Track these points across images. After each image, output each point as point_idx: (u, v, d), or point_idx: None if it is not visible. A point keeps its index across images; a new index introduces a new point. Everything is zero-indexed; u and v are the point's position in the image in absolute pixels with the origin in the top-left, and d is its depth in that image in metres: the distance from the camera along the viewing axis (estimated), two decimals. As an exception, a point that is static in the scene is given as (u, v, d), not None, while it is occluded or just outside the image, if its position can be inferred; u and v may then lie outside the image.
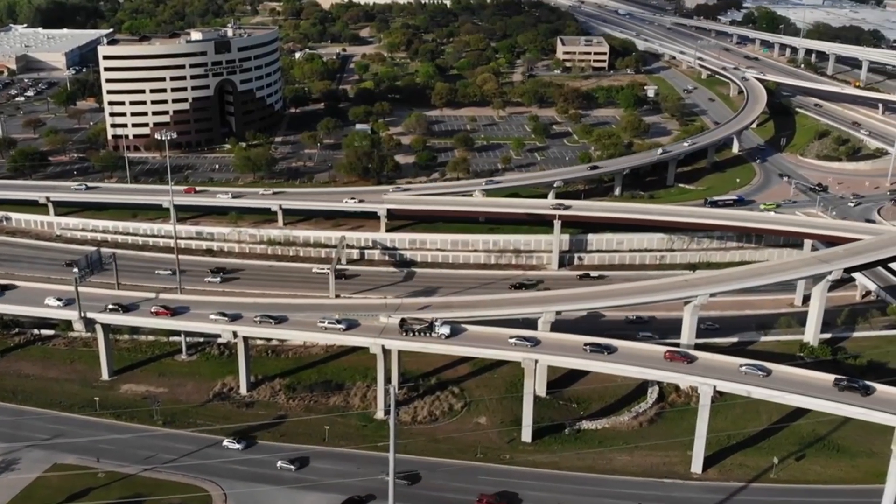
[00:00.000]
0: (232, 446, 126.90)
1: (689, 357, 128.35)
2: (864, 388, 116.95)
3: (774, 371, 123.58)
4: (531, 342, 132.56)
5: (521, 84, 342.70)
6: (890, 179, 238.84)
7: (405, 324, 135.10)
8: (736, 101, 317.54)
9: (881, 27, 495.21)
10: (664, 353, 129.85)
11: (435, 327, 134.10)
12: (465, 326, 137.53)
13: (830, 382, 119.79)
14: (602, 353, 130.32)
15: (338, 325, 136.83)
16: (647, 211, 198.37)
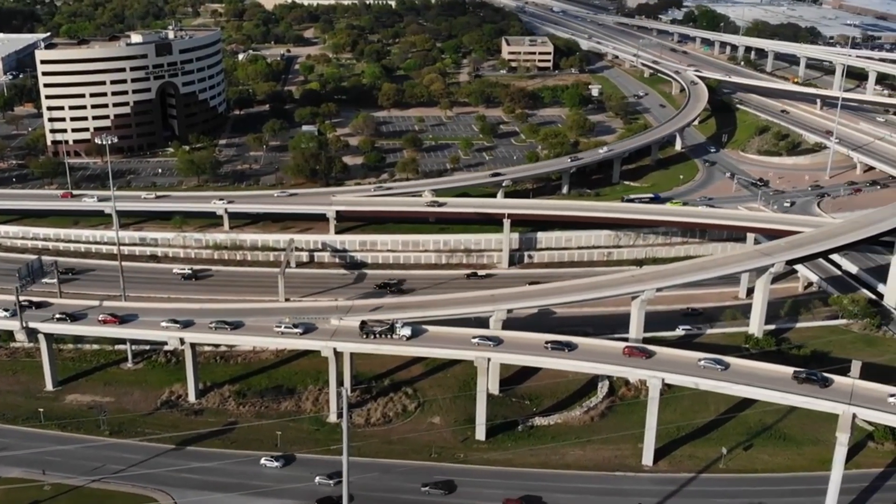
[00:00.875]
0: (270, 465, 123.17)
1: (647, 352, 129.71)
2: (823, 380, 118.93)
3: (733, 365, 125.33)
4: (494, 341, 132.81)
5: (468, 84, 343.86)
6: (829, 173, 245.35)
7: (366, 326, 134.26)
8: (678, 98, 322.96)
9: (818, 24, 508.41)
10: (623, 348, 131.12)
11: (396, 329, 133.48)
12: (426, 327, 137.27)
13: (790, 375, 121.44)
14: (563, 349, 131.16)
15: (294, 330, 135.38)
16: (595, 208, 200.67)
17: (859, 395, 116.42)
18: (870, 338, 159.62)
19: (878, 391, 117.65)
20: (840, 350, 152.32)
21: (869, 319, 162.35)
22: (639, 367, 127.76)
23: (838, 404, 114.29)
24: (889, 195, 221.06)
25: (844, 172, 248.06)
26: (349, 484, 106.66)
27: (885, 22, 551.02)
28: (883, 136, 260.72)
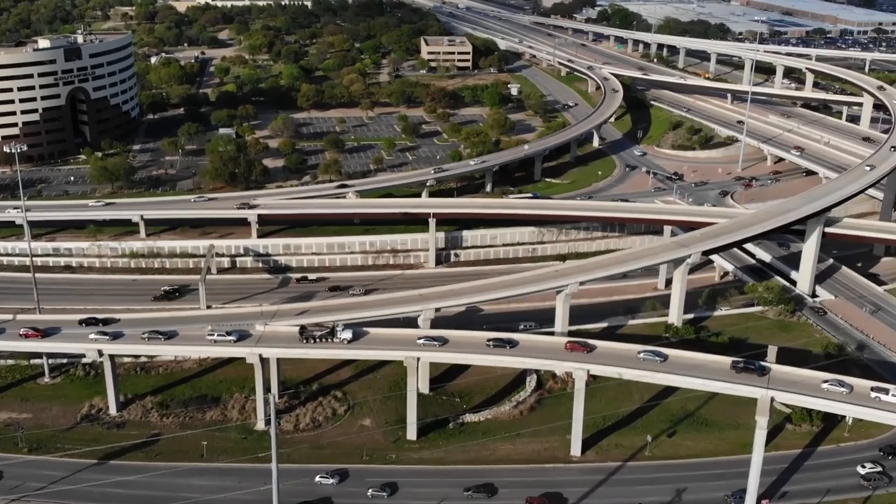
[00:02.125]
0: (326, 482, 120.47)
1: (589, 346, 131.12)
2: (761, 369, 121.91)
3: (672, 356, 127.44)
4: (440, 341, 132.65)
5: (388, 84, 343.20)
6: (741, 165, 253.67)
7: (305, 331, 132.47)
8: (594, 96, 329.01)
9: (727, 20, 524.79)
10: (565, 343, 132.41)
11: (337, 332, 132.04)
12: (367, 330, 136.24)
13: (728, 365, 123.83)
14: (504, 346, 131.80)
15: (228, 337, 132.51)
16: (518, 205, 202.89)
17: (777, 379, 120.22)
18: (784, 323, 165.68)
19: (794, 374, 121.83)
20: (756, 336, 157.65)
21: (783, 306, 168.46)
22: (565, 359, 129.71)
23: (757, 389, 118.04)
24: (800, 185, 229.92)
25: (755, 164, 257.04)
26: (276, 492, 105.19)
27: (790, 17, 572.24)
28: (792, 129, 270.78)
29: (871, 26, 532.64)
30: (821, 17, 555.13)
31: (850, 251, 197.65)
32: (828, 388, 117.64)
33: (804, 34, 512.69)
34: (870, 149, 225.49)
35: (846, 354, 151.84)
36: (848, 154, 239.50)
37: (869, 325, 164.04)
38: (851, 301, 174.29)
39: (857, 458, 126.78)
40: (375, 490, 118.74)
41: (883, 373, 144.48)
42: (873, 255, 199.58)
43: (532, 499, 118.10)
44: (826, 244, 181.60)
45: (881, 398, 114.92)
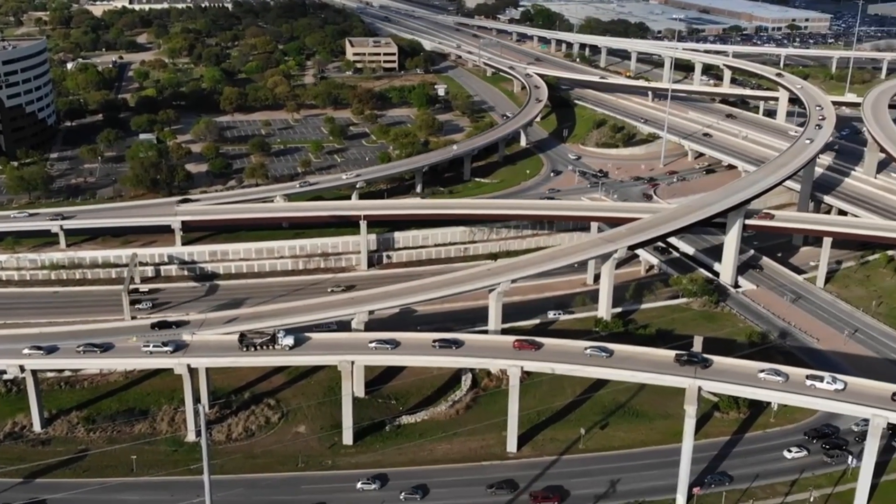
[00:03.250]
0: (368, 488, 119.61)
1: (537, 344, 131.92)
2: (703, 361, 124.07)
3: (617, 351, 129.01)
4: (392, 344, 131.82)
5: (314, 86, 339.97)
6: (663, 161, 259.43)
7: (245, 339, 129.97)
8: (520, 96, 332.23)
9: (646, 19, 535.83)
10: (513, 342, 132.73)
11: (278, 339, 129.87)
12: (309, 335, 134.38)
13: (672, 358, 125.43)
14: (451, 347, 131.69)
15: (164, 348, 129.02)
16: (449, 205, 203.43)
17: (716, 370, 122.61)
18: (709, 314, 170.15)
19: (733, 365, 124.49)
20: (682, 327, 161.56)
21: (707, 297, 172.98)
22: (498, 357, 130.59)
23: (684, 378, 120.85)
24: (719, 179, 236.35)
25: (677, 160, 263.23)
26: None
27: (708, 15, 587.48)
28: (711, 125, 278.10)
29: (784, 23, 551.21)
30: (737, 15, 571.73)
31: (770, 242, 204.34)
32: (765, 378, 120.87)
33: (721, 31, 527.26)
34: (786, 142, 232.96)
35: (769, 342, 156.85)
36: (765, 147, 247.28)
37: (790, 312, 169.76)
38: (773, 290, 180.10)
39: (783, 442, 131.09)
40: (408, 493, 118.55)
41: (805, 358, 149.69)
42: (792, 245, 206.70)
43: (536, 493, 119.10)
44: (747, 236, 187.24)
45: (816, 385, 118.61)
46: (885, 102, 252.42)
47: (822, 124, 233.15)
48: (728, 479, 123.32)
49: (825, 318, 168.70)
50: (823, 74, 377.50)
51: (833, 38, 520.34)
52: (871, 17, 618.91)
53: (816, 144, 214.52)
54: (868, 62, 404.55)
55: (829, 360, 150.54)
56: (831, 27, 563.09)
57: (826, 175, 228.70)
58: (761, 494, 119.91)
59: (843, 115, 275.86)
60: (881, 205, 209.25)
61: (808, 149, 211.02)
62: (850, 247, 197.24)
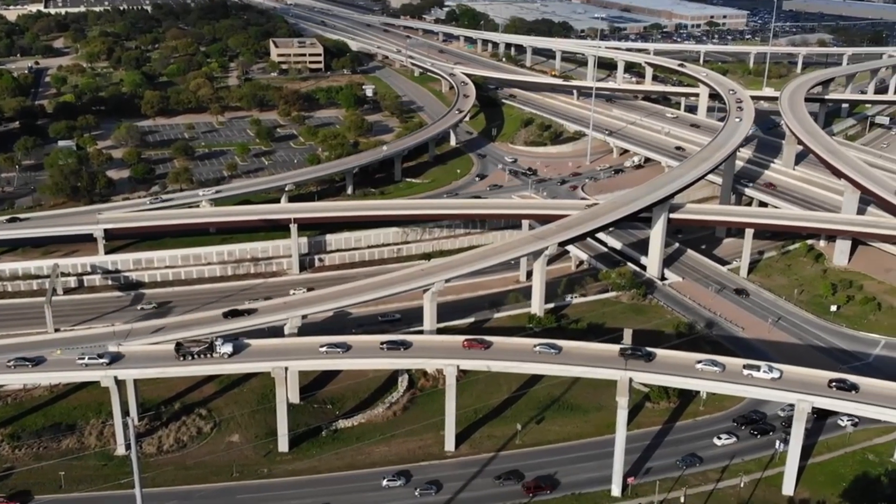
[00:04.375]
0: (394, 484, 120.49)
1: (486, 343, 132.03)
2: (647, 355, 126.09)
3: (565, 347, 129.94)
4: (343, 348, 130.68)
5: (238, 88, 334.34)
6: (589, 158, 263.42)
7: (182, 348, 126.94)
8: (448, 96, 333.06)
9: (569, 19, 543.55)
10: (462, 341, 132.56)
11: (216, 347, 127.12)
12: (248, 342, 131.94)
13: (616, 352, 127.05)
14: (398, 349, 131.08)
15: (100, 360, 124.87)
16: (381, 206, 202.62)
17: (658, 362, 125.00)
18: (638, 306, 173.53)
19: (672, 357, 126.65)
20: (612, 320, 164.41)
21: (635, 290, 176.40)
22: (435, 357, 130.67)
23: (615, 371, 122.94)
24: (644, 175, 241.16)
25: (602, 157, 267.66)
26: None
27: (629, 14, 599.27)
28: (634, 121, 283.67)
29: (703, 20, 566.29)
30: (657, 13, 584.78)
31: (694, 235, 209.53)
32: (702, 368, 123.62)
33: (642, 30, 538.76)
34: (708, 136, 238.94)
35: (696, 332, 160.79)
36: (688, 143, 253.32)
37: (715, 303, 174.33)
38: (698, 282, 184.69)
39: (713, 430, 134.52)
40: (422, 488, 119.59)
41: (730, 347, 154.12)
42: (715, 237, 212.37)
43: (528, 483, 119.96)
44: (672, 229, 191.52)
45: (753, 375, 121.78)
46: (802, 96, 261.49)
47: (741, 116, 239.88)
48: (699, 461, 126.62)
49: (749, 307, 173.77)
50: (742, 70, 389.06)
51: (750, 34, 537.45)
52: (786, 13, 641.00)
53: (736, 138, 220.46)
54: (784, 57, 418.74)
55: (755, 347, 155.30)
56: (748, 23, 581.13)
57: (747, 168, 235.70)
58: (693, 482, 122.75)
59: (762, 109, 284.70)
60: (800, 196, 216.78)
61: (729, 143, 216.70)
62: (772, 237, 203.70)
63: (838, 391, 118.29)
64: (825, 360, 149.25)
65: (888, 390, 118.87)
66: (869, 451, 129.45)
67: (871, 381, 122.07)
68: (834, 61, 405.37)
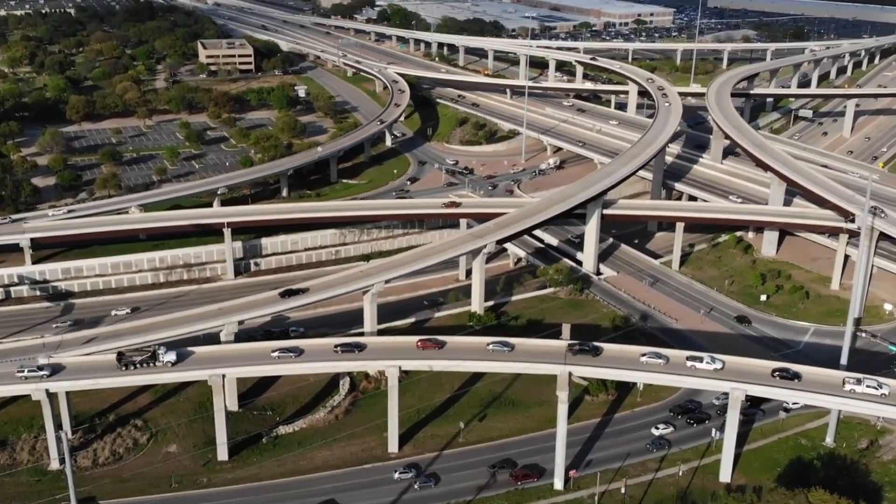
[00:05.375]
0: (405, 476, 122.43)
1: (439, 342, 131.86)
2: (594, 349, 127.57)
3: (517, 345, 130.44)
4: (295, 352, 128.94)
5: (166, 91, 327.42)
6: (524, 157, 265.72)
7: (124, 357, 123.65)
8: (383, 96, 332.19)
9: (500, 18, 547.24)
10: (416, 342, 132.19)
11: (159, 355, 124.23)
12: (193, 349, 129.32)
13: (564, 348, 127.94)
14: (353, 351, 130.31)
15: (40, 373, 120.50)
16: (317, 209, 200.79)
17: (605, 357, 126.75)
18: (575, 301, 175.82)
19: (618, 351, 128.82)
20: (551, 316, 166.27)
21: (572, 286, 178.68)
22: (376, 358, 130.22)
23: (555, 366, 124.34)
24: (577, 172, 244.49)
25: (537, 155, 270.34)
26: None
27: (558, 13, 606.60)
28: (567, 119, 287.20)
29: (631, 18, 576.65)
30: (586, 12, 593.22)
31: (628, 229, 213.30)
32: (646, 361, 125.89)
33: (572, 28, 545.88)
34: (637, 133, 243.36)
35: (632, 325, 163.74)
36: (618, 140, 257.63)
37: (649, 296, 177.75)
38: (632, 275, 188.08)
39: (650, 420, 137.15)
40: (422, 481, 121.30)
41: (665, 338, 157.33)
42: (648, 231, 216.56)
43: (517, 472, 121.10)
44: (606, 225, 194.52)
45: (696, 366, 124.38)
46: (728, 91, 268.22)
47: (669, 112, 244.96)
48: (667, 444, 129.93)
49: (682, 299, 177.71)
50: (669, 67, 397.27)
51: (677, 31, 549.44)
52: (711, 10, 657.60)
53: (665, 135, 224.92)
54: (710, 54, 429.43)
55: (688, 338, 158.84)
56: (675, 21, 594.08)
57: (676, 163, 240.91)
58: (633, 472, 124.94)
59: (690, 105, 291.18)
60: (728, 189, 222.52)
61: (659, 139, 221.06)
62: (702, 230, 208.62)
63: (781, 380, 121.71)
64: (757, 349, 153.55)
65: (825, 377, 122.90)
66: (801, 437, 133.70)
67: (811, 368, 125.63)
68: (758, 57, 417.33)
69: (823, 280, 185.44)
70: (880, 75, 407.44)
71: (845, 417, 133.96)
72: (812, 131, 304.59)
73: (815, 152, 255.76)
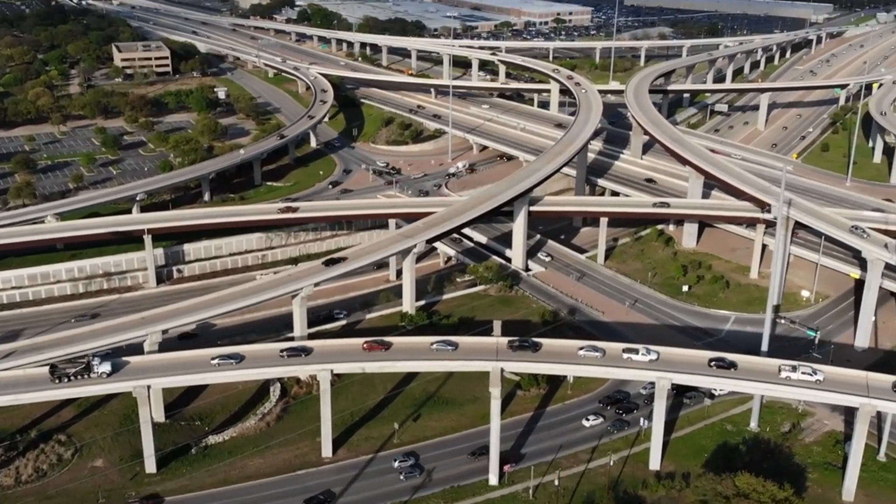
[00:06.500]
0: (404, 465, 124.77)
1: (386, 344, 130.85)
2: (534, 346, 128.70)
3: (461, 344, 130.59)
4: (236, 359, 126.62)
5: (81, 96, 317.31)
6: (451, 156, 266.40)
7: (57, 370, 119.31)
8: (305, 97, 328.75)
9: (422, 17, 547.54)
10: (362, 344, 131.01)
11: (93, 367, 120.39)
12: (128, 359, 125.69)
13: (505, 345, 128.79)
14: (300, 355, 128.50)
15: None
16: (242, 212, 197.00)
17: (544, 352, 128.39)
18: (505, 298, 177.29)
19: (557, 346, 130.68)
20: (482, 313, 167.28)
21: (502, 282, 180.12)
22: (305, 363, 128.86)
23: (487, 362, 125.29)
24: (503, 170, 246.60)
25: (463, 154, 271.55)
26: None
27: (480, 12, 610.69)
28: (492, 118, 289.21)
29: (550, 17, 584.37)
30: (506, 11, 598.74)
31: (554, 225, 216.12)
32: (584, 354, 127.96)
33: (493, 28, 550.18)
34: (561, 131, 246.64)
35: (560, 319, 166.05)
36: (542, 138, 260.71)
37: (576, 290, 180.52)
38: (560, 271, 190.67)
39: (581, 412, 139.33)
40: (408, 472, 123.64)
41: (592, 331, 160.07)
42: (573, 226, 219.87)
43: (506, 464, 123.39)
44: (533, 221, 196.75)
45: (633, 358, 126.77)
46: (646, 88, 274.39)
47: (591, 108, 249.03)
48: (626, 424, 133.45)
49: (608, 292, 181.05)
50: (589, 65, 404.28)
51: (595, 29, 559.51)
52: (628, 9, 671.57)
53: (587, 132, 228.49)
54: (628, 51, 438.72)
55: (614, 330, 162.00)
56: (593, 19, 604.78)
57: (598, 160, 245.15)
58: (566, 464, 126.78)
59: (610, 102, 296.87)
60: (649, 184, 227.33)
61: (580, 136, 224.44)
62: (625, 224, 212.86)
63: (718, 369, 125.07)
64: (681, 339, 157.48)
65: (761, 365, 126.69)
66: (727, 422, 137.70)
67: (747, 357, 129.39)
68: (674, 53, 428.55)
69: (742, 269, 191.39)
70: (792, 69, 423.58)
71: (768, 402, 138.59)
72: (732, 121, 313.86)
73: (731, 145, 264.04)
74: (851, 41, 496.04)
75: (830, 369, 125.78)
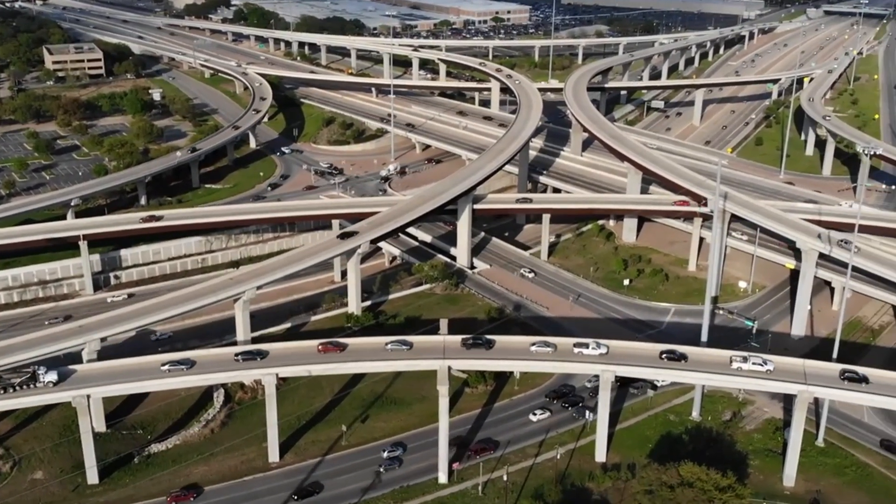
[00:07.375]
0: (393, 454, 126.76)
1: (341, 346, 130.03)
2: (487, 343, 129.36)
3: (416, 343, 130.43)
4: (187, 364, 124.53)
5: (11, 100, 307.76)
6: (394, 155, 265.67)
7: (1, 379, 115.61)
8: (244, 97, 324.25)
9: (361, 16, 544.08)
10: (317, 346, 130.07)
11: (39, 376, 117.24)
12: (75, 367, 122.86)
13: (458, 343, 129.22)
14: (255, 359, 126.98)
15: None
16: (179, 216, 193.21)
17: (497, 349, 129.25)
18: (451, 296, 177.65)
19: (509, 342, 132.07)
20: (429, 312, 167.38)
21: (448, 281, 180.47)
22: (250, 367, 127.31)
23: (434, 361, 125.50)
24: (446, 169, 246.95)
25: (406, 153, 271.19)
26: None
27: (419, 11, 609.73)
28: (433, 116, 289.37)
29: (489, 16, 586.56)
30: (445, 10, 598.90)
31: (498, 223, 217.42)
32: (536, 350, 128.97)
33: (433, 27, 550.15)
34: (501, 130, 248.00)
35: (506, 316, 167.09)
36: (484, 136, 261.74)
37: (521, 286, 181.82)
38: (504, 268, 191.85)
39: (528, 407, 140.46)
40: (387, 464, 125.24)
41: (538, 327, 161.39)
42: (517, 224, 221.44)
43: (474, 447, 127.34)
44: (477, 219, 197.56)
45: (584, 352, 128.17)
46: (584, 85, 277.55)
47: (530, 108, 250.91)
48: (590, 410, 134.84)
49: (552, 287, 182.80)
50: (528, 63, 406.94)
51: (533, 28, 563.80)
52: (565, 7, 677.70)
53: (527, 130, 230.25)
54: (566, 49, 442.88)
55: (559, 325, 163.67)
56: (531, 18, 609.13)
57: (539, 157, 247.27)
58: (514, 459, 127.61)
59: (549, 100, 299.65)
60: (588, 180, 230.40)
61: (522, 134, 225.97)
62: (567, 220, 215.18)
63: (668, 361, 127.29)
64: (624, 332, 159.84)
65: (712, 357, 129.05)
66: (670, 412, 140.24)
67: (697, 349, 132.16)
68: (611, 51, 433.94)
69: (681, 262, 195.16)
70: (725, 65, 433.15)
71: (709, 391, 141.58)
72: (670, 121, 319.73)
73: (668, 141, 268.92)
74: (776, 40, 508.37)
75: (769, 357, 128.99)
